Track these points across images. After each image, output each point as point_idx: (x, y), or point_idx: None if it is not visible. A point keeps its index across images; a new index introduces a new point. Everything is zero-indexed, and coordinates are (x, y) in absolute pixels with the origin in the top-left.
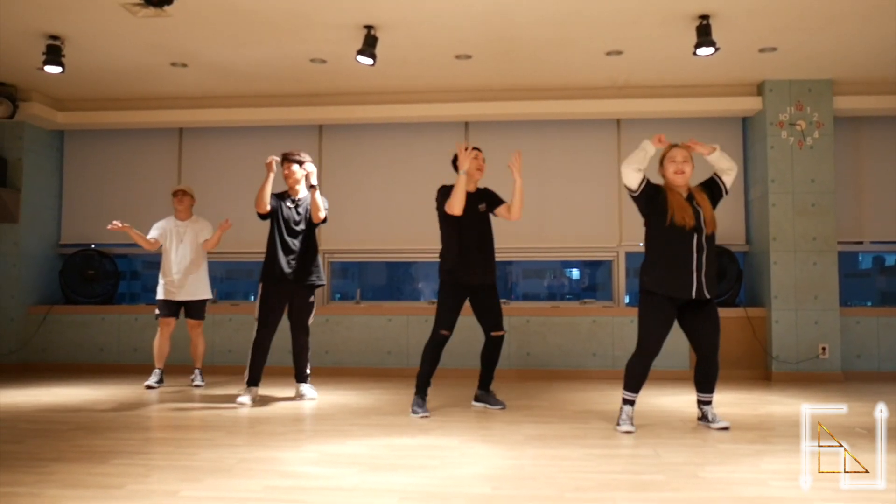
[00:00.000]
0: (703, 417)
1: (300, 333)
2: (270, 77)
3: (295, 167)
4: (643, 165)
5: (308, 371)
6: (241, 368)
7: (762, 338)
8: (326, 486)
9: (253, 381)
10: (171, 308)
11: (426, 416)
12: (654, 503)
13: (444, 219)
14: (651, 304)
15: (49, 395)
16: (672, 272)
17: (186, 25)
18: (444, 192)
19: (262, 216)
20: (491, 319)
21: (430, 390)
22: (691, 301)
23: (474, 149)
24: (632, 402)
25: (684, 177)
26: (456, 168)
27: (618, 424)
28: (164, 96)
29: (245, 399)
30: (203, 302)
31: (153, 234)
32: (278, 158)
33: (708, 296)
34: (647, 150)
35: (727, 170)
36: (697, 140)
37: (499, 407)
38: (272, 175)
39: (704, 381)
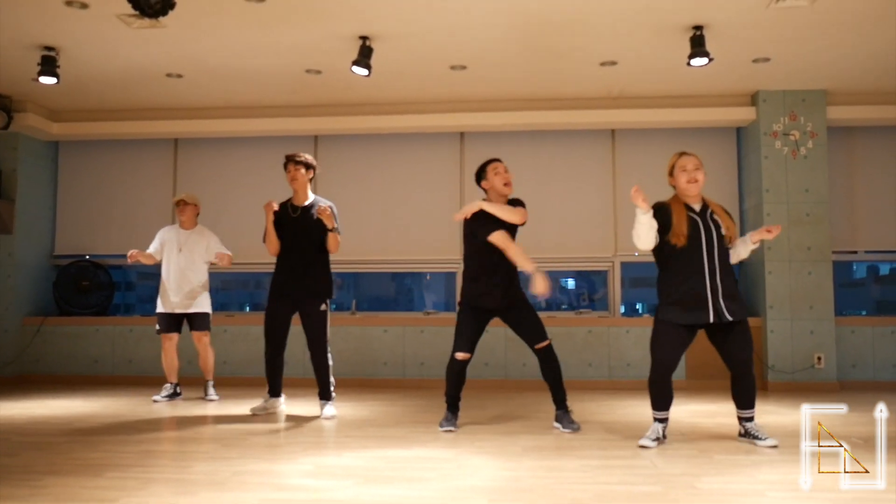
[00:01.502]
0: (746, 434)
1: (312, 347)
2: (266, 88)
3: (303, 170)
4: (650, 231)
5: (331, 388)
6: (237, 380)
7: (758, 348)
8: (322, 498)
9: (272, 392)
10: (171, 322)
11: (449, 431)
12: None
13: (471, 243)
14: (662, 331)
15: (43, 408)
16: (684, 299)
17: (181, 36)
18: (482, 221)
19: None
20: (528, 333)
21: (459, 404)
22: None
23: (494, 160)
24: (660, 420)
25: (698, 185)
26: (478, 181)
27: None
28: (159, 107)
29: (256, 405)
30: (205, 314)
31: (152, 247)
32: (276, 205)
33: (730, 318)
34: (642, 219)
35: (738, 255)
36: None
37: (569, 430)
38: (272, 216)
39: (740, 398)
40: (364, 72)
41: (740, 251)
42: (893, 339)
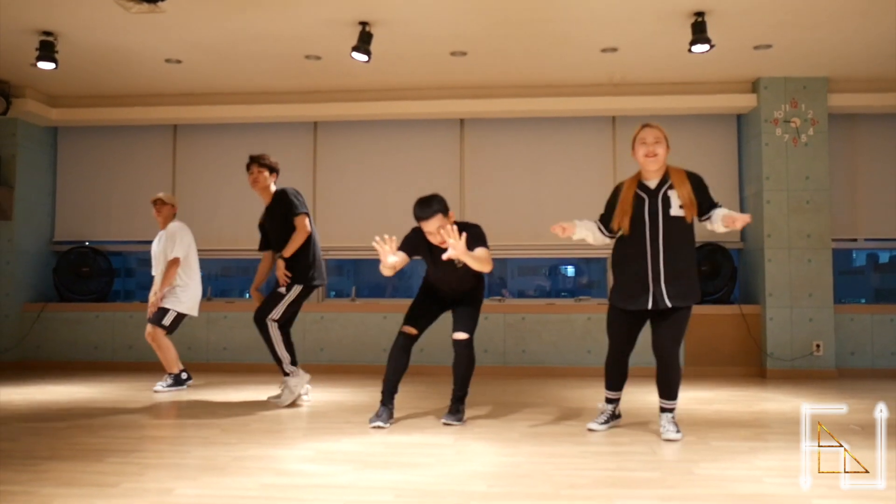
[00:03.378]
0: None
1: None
2: (265, 73)
3: (266, 172)
4: (593, 236)
5: (282, 365)
6: (237, 366)
7: (757, 335)
8: (321, 483)
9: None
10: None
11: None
12: (649, 500)
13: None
14: (611, 315)
15: (43, 393)
16: (627, 283)
17: (180, 21)
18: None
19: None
20: (455, 321)
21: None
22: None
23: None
24: (610, 400)
25: (657, 160)
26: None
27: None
28: (158, 93)
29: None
30: (161, 310)
31: (181, 251)
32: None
33: (669, 305)
34: (579, 236)
35: (713, 228)
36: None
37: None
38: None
39: (659, 386)
40: (364, 58)
41: (716, 226)
42: (892, 326)
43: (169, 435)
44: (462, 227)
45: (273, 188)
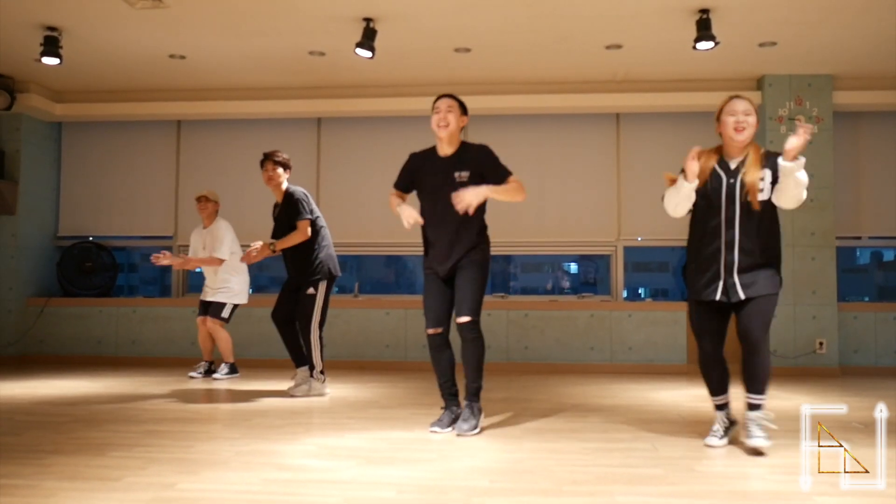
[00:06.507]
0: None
1: (300, 325)
2: (269, 69)
3: (280, 170)
4: (686, 200)
5: (312, 360)
6: (238, 362)
7: None
8: (324, 478)
9: (298, 363)
10: (201, 307)
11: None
12: (651, 497)
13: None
14: (693, 311)
15: (47, 388)
16: (701, 271)
17: (184, 17)
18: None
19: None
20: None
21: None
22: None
23: (445, 97)
24: (718, 407)
25: (745, 134)
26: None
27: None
28: (163, 88)
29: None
30: (218, 304)
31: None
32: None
33: (742, 297)
34: (682, 187)
35: (789, 196)
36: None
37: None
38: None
39: (744, 378)
40: (368, 54)
41: (782, 191)
42: (895, 325)
43: (172, 429)
44: (472, 148)
45: (285, 185)
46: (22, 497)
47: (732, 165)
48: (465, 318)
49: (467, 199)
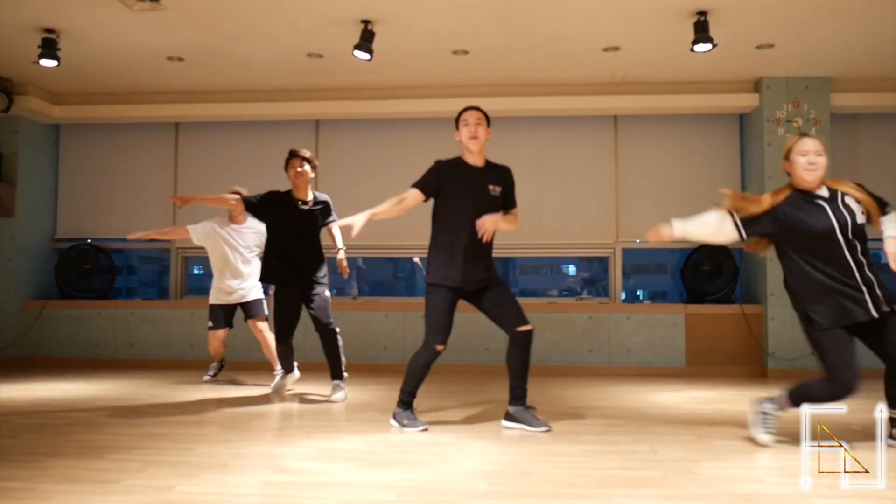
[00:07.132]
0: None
1: (323, 331)
2: (267, 72)
3: (307, 167)
4: (718, 231)
5: (341, 368)
6: (236, 364)
7: (758, 334)
8: (322, 481)
9: (287, 369)
10: (226, 314)
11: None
12: (650, 500)
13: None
14: (822, 343)
15: (45, 390)
16: (836, 298)
17: (182, 19)
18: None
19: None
20: (507, 316)
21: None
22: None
23: (469, 108)
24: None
25: (817, 173)
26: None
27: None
28: (161, 90)
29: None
30: (260, 301)
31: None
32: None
33: (886, 309)
34: (701, 233)
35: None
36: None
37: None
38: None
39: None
40: (366, 56)
41: (888, 229)
42: None
43: (170, 432)
44: (499, 166)
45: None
46: (20, 500)
47: (825, 195)
48: (528, 326)
49: (488, 225)
